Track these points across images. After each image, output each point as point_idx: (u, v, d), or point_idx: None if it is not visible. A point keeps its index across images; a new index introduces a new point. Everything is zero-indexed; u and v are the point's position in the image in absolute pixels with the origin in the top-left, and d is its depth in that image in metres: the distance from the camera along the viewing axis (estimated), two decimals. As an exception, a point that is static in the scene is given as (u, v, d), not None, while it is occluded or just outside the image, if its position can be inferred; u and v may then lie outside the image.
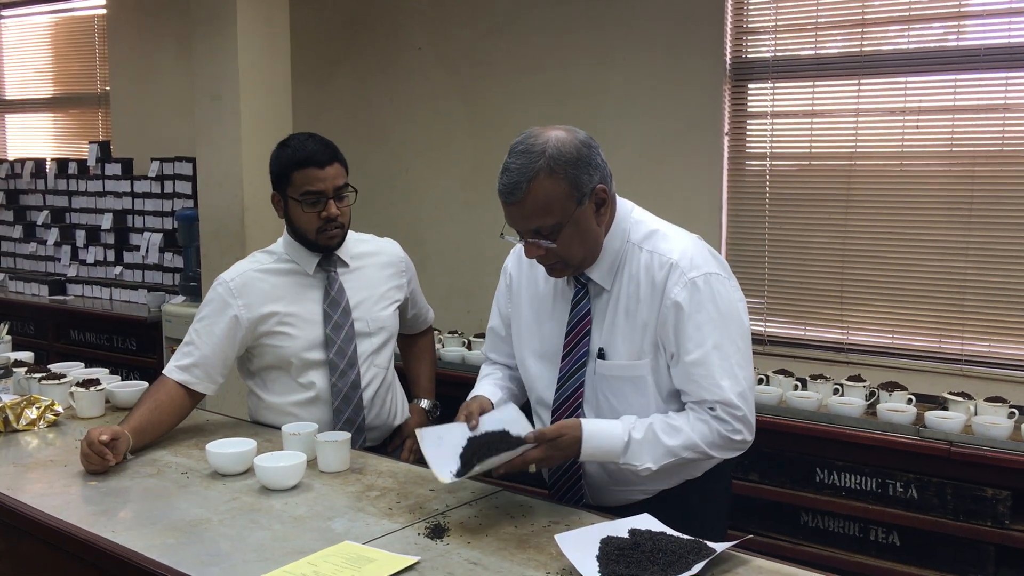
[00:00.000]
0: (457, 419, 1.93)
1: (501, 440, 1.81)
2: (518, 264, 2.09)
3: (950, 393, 3.09)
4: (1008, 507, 2.75)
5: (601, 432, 1.82)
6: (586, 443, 1.81)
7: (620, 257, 1.91)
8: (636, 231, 1.92)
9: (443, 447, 1.87)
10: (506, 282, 2.13)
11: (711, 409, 1.82)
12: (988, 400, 3.00)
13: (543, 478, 2.08)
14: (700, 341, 1.82)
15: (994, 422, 2.83)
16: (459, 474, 1.79)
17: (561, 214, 1.79)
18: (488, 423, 1.90)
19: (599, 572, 1.52)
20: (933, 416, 2.89)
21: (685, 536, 1.63)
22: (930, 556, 2.88)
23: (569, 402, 1.97)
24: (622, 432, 1.82)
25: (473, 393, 2.09)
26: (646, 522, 1.70)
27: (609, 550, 1.57)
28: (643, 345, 1.88)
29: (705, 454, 1.83)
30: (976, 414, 2.95)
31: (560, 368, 1.96)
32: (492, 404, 2.01)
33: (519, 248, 2.03)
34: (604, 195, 1.84)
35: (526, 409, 2.01)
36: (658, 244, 1.89)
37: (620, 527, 1.68)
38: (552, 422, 2.00)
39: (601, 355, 1.92)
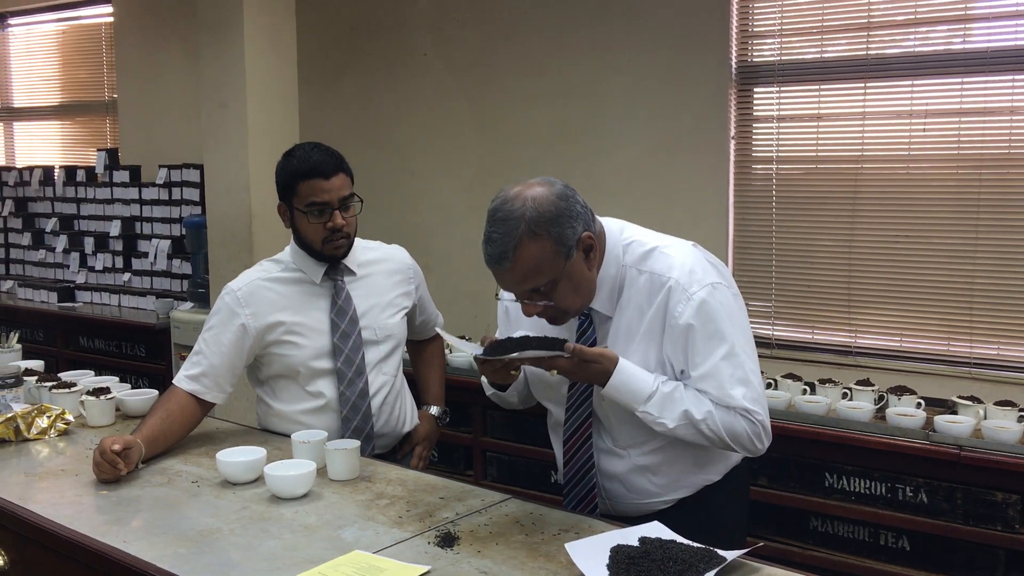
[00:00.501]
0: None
1: (536, 340, 1.81)
2: None
3: (959, 397, 3.08)
4: (1018, 511, 2.74)
5: (632, 376, 1.82)
6: (615, 377, 1.81)
7: (618, 282, 1.90)
8: (630, 253, 1.91)
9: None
10: (503, 309, 2.12)
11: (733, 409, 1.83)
12: (997, 404, 2.99)
13: (557, 483, 2.08)
14: (709, 354, 1.82)
15: (1003, 426, 2.83)
16: (488, 353, 1.80)
17: (552, 271, 1.78)
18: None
19: (609, 581, 1.53)
20: (942, 420, 2.88)
21: (695, 544, 1.63)
22: (940, 561, 2.87)
23: (581, 430, 1.98)
24: (652, 383, 1.82)
25: None
26: (656, 530, 1.70)
27: (619, 559, 1.57)
28: (648, 366, 1.88)
29: (718, 435, 1.82)
30: (985, 418, 2.94)
31: (567, 398, 1.97)
32: None
33: None
34: (591, 241, 1.83)
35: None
36: (655, 264, 1.88)
37: (630, 535, 1.68)
38: (565, 448, 2.01)
39: None
